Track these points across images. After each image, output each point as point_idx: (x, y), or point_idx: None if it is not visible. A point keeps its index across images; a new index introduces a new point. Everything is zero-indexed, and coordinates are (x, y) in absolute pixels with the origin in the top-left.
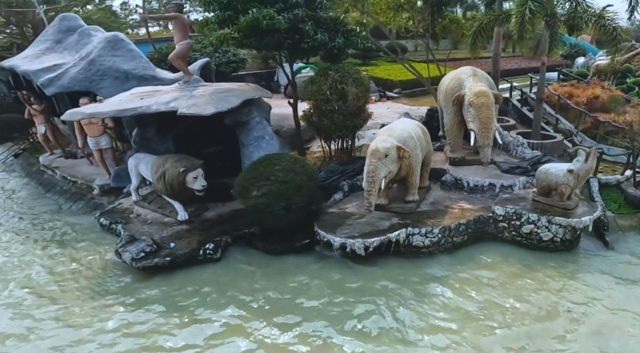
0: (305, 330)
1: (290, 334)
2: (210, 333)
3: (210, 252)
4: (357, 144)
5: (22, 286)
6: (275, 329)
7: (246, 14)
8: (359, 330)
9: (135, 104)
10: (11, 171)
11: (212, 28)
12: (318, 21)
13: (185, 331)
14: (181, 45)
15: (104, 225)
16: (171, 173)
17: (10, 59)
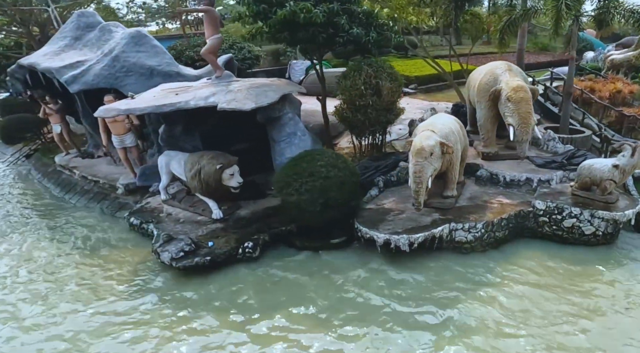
0: (360, 332)
1: (342, 338)
2: (258, 334)
3: (249, 251)
4: (387, 140)
5: (55, 291)
6: (328, 331)
7: (282, 8)
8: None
9: (172, 99)
10: (25, 172)
11: (247, 22)
12: (352, 15)
13: (234, 333)
14: (213, 40)
15: (134, 224)
16: (207, 170)
17: (28, 56)
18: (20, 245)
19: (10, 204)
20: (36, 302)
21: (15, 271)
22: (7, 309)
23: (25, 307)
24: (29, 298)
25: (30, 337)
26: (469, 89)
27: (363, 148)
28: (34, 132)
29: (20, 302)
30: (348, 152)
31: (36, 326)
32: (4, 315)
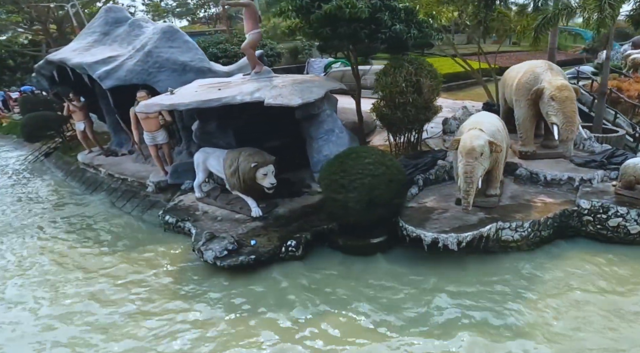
0: (425, 341)
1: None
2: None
3: (292, 250)
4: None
5: (90, 296)
6: (386, 336)
7: (327, 2)
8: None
9: (217, 94)
10: (45, 170)
11: (289, 16)
12: (393, 11)
13: (287, 338)
14: (253, 35)
15: (170, 223)
16: (243, 167)
17: (56, 52)
18: (53, 244)
19: (35, 203)
20: (85, 303)
21: (53, 270)
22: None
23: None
24: (77, 299)
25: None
26: (503, 88)
27: (398, 146)
28: (55, 130)
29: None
30: (382, 150)
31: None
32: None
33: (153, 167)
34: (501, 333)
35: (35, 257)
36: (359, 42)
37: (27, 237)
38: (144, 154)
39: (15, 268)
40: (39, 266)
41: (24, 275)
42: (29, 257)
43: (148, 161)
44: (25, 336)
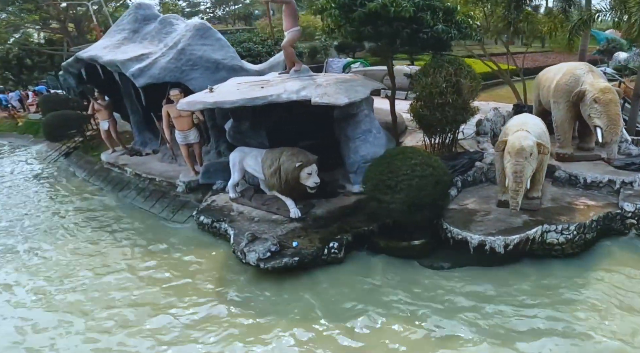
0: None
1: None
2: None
3: (335, 251)
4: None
5: (126, 304)
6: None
7: (371, 0)
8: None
9: (263, 92)
10: (67, 170)
11: (331, 14)
12: (434, 11)
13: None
14: (293, 32)
15: (204, 223)
16: (286, 167)
17: (86, 49)
18: (86, 246)
19: (62, 204)
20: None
21: (90, 275)
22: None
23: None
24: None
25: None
26: (539, 89)
27: (433, 147)
28: (77, 129)
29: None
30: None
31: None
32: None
33: (180, 167)
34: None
35: (70, 258)
36: (400, 41)
37: (59, 239)
38: (174, 153)
39: (56, 272)
40: (79, 269)
41: (68, 278)
42: (66, 260)
43: (174, 160)
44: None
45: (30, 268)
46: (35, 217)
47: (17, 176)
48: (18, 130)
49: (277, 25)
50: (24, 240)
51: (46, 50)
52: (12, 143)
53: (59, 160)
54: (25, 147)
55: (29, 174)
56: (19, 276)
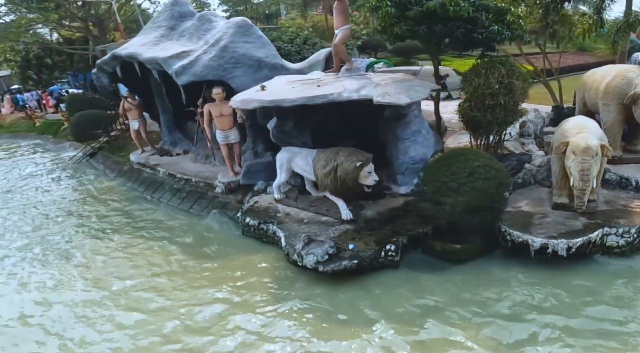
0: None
1: None
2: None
3: (392, 254)
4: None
5: (173, 317)
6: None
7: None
8: None
9: (322, 91)
10: (94, 171)
11: (387, 12)
12: (487, 11)
13: None
14: (344, 30)
15: (250, 225)
16: (345, 167)
17: (123, 47)
18: (130, 248)
19: (97, 206)
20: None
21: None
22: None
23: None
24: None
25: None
26: (584, 91)
27: (478, 148)
28: (104, 129)
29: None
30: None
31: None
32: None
33: (214, 168)
34: None
35: (118, 261)
36: (452, 41)
37: (102, 241)
38: (213, 154)
39: (110, 275)
40: (131, 271)
41: (124, 280)
42: (115, 261)
43: (208, 161)
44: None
45: (77, 269)
46: (75, 219)
47: (45, 177)
48: (36, 131)
49: (291, 25)
50: (68, 241)
51: (67, 49)
52: (32, 143)
53: (83, 160)
54: (46, 147)
55: (57, 175)
56: (70, 278)
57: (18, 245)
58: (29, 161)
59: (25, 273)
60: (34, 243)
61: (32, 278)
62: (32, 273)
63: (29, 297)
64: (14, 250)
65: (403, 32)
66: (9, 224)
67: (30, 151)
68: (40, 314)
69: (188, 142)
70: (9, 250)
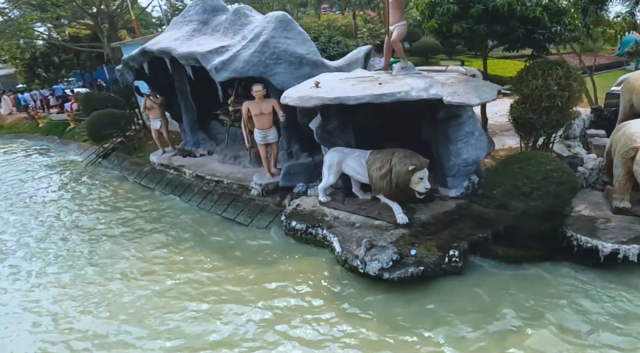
0: None
1: None
2: None
3: (455, 260)
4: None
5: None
6: None
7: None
8: None
9: (389, 89)
10: (111, 173)
11: (450, 9)
12: (548, 11)
13: None
14: (401, 27)
15: (297, 229)
16: (398, 170)
17: (153, 41)
18: (168, 255)
19: (124, 211)
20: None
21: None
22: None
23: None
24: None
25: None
26: (632, 94)
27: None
28: (121, 129)
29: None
30: (504, 154)
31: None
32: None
33: (246, 169)
34: None
35: (155, 268)
36: (511, 41)
37: (137, 246)
38: (250, 155)
39: (149, 282)
40: (169, 281)
41: (169, 291)
42: (152, 269)
43: (237, 161)
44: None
45: (121, 273)
46: (101, 222)
47: (61, 179)
48: (40, 131)
49: (303, 24)
50: (99, 245)
51: (76, 47)
52: (37, 144)
53: (97, 162)
54: (53, 148)
55: (74, 178)
56: (122, 284)
57: (64, 259)
58: (38, 163)
59: (75, 292)
60: (76, 253)
61: (75, 294)
62: (78, 291)
63: (86, 317)
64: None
65: (463, 30)
66: (37, 233)
67: (36, 152)
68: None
69: (212, 142)
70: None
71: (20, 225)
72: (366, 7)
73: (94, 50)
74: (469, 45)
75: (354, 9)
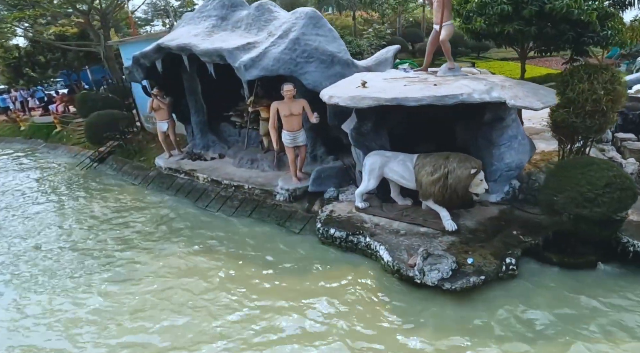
0: None
1: None
2: None
3: (512, 268)
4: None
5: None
6: None
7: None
8: None
9: (451, 91)
10: (111, 177)
11: (503, 9)
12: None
13: None
14: (450, 26)
15: (337, 237)
16: (458, 174)
17: (169, 38)
18: (196, 267)
19: (135, 219)
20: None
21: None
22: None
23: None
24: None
25: None
26: None
27: (563, 155)
28: (120, 131)
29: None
30: (539, 158)
31: None
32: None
33: (265, 173)
34: None
35: (187, 280)
36: (561, 43)
37: (163, 259)
38: (275, 158)
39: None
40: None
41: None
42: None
43: (255, 165)
44: None
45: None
46: (113, 232)
47: (58, 187)
48: (22, 135)
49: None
50: (116, 257)
51: (63, 46)
52: (21, 149)
53: (92, 166)
54: (39, 153)
55: (70, 184)
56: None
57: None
58: (27, 168)
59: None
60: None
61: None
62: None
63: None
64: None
65: (515, 31)
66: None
67: (22, 157)
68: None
69: (223, 145)
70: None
71: (35, 233)
72: (368, 7)
73: (83, 49)
74: (507, 46)
75: (355, 9)
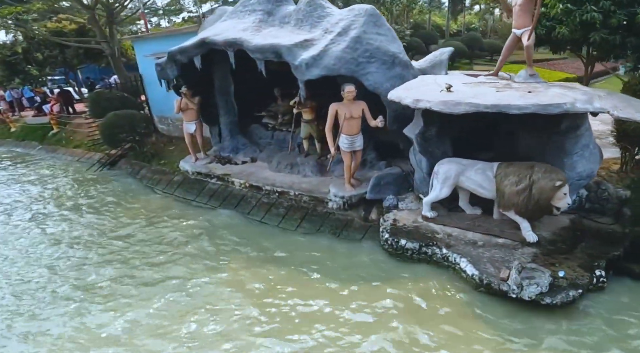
0: None
1: None
2: None
3: (602, 280)
4: None
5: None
6: None
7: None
8: None
9: (553, 100)
10: (127, 183)
11: (593, 17)
12: None
13: None
14: (530, 31)
15: (408, 248)
16: (542, 186)
17: (214, 32)
18: (253, 283)
19: (174, 231)
20: None
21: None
22: None
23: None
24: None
25: None
26: None
27: (625, 164)
28: (137, 133)
29: None
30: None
31: None
32: None
33: (308, 178)
34: None
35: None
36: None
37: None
38: (330, 161)
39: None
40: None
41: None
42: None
43: (295, 170)
44: None
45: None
46: (155, 245)
47: (73, 195)
48: (13, 137)
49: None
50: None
51: (60, 41)
52: (13, 152)
53: (101, 170)
54: (36, 156)
55: (83, 191)
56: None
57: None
58: (26, 175)
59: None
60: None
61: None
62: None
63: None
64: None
65: (602, 39)
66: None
67: (19, 161)
68: None
69: (254, 148)
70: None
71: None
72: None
73: (83, 46)
74: (572, 52)
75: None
